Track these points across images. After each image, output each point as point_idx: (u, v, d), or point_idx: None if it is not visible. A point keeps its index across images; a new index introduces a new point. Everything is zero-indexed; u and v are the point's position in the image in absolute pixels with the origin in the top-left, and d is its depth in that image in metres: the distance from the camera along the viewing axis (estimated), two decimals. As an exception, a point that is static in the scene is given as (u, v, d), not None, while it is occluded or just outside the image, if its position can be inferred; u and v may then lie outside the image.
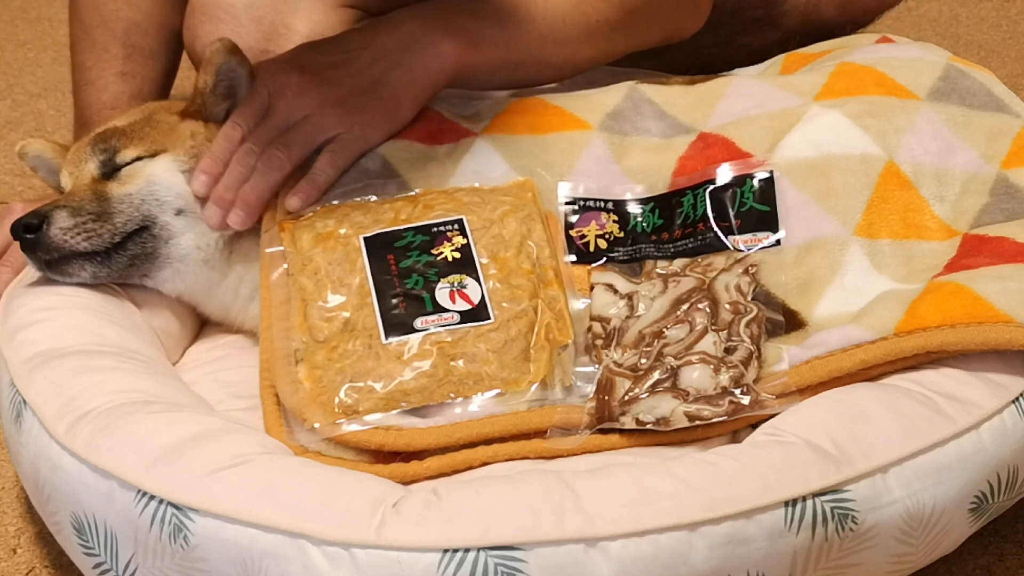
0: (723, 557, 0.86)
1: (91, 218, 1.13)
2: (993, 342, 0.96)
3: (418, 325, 1.02)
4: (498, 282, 1.04)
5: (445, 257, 1.05)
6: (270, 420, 1.01)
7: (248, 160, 1.13)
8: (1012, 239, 1.06)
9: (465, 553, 0.83)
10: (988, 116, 1.17)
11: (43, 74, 2.02)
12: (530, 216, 1.09)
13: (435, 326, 1.02)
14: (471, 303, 1.03)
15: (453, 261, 1.05)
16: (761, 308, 1.04)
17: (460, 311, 1.02)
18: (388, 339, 1.01)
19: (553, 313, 1.03)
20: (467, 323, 1.02)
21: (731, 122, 1.16)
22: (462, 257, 1.05)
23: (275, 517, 0.86)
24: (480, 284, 1.04)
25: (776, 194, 1.10)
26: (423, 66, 1.16)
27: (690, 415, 0.96)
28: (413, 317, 1.02)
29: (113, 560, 0.93)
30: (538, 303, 1.03)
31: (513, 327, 1.02)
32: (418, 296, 1.03)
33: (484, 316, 1.02)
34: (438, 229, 1.07)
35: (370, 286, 1.04)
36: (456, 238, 1.06)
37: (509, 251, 1.06)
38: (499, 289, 1.04)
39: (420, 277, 1.04)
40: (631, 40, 1.28)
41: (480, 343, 1.01)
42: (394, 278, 1.04)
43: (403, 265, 1.05)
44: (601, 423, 0.98)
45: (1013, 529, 1.06)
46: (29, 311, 1.10)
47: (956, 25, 2.02)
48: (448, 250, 1.05)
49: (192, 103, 1.21)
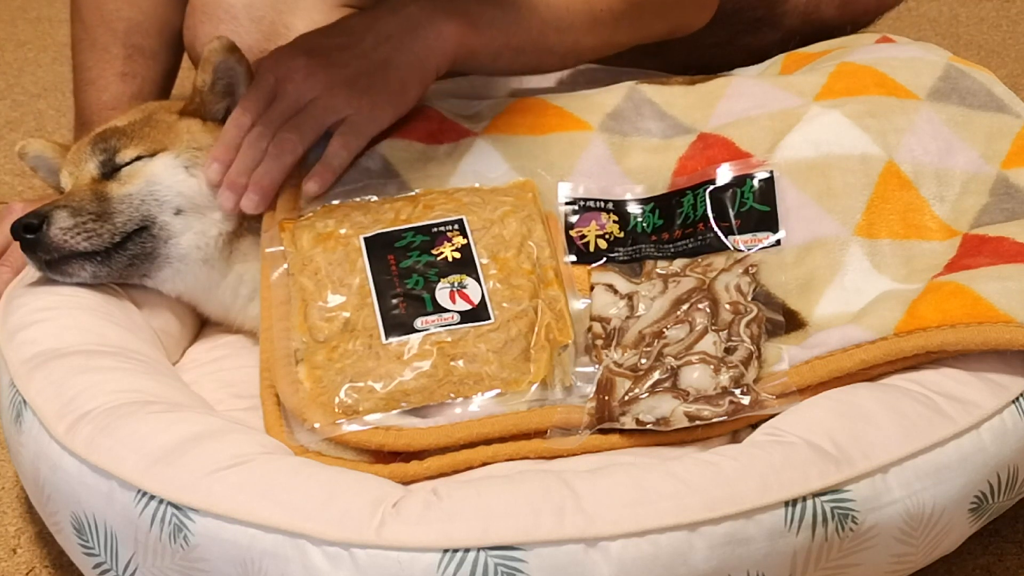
0: (723, 557, 0.86)
1: (91, 218, 1.13)
2: (993, 342, 0.96)
3: (418, 325, 1.02)
4: (498, 282, 1.04)
5: (445, 257, 1.05)
6: (270, 420, 1.01)
7: (260, 144, 1.13)
8: (1012, 239, 1.06)
9: (465, 553, 0.83)
10: (988, 116, 1.17)
11: (43, 74, 2.02)
12: (530, 216, 1.09)
13: (435, 326, 1.01)
14: (471, 303, 1.03)
15: (453, 261, 1.05)
16: (761, 308, 1.04)
17: (460, 311, 1.02)
18: (388, 339, 1.01)
19: (553, 313, 1.03)
20: (467, 323, 1.02)
21: (731, 122, 1.16)
22: (462, 257, 1.05)
23: (275, 517, 0.86)
24: (480, 284, 1.04)
25: (776, 194, 1.10)
26: (426, 47, 1.15)
27: (690, 415, 0.96)
28: (413, 317, 1.02)
29: (113, 560, 0.93)
30: (538, 303, 1.03)
31: (513, 327, 1.02)
32: (418, 296, 1.03)
33: (484, 316, 1.02)
34: (438, 229, 1.07)
35: (370, 286, 1.04)
36: (456, 238, 1.06)
37: (509, 251, 1.06)
38: (499, 289, 1.04)
39: (420, 277, 1.04)
40: (635, 31, 1.28)
41: (480, 343, 1.01)
42: (394, 278, 1.04)
43: (403, 265, 1.05)
44: (601, 423, 0.98)
45: (1013, 529, 1.06)
46: (29, 311, 1.10)
47: (956, 25, 2.02)
48: (448, 250, 1.05)
49: (191, 102, 1.21)
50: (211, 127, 1.20)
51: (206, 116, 1.21)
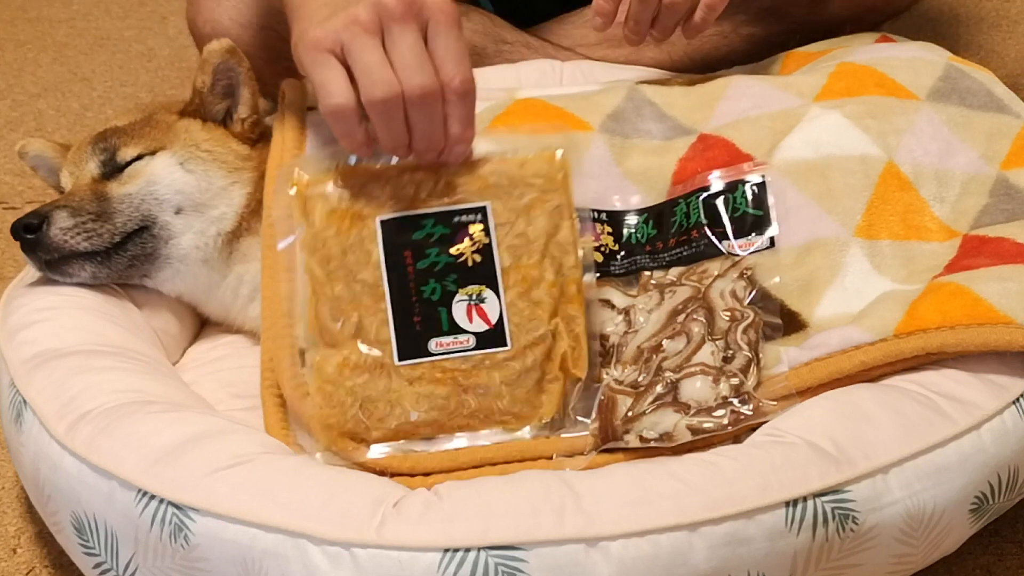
0: (723, 557, 0.86)
1: (91, 218, 1.13)
2: (993, 343, 0.96)
3: (432, 348, 0.99)
4: (518, 297, 1.01)
5: (465, 261, 1.01)
6: (271, 420, 1.01)
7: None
8: (1012, 240, 1.06)
9: (465, 553, 0.83)
10: (988, 116, 1.17)
11: (43, 74, 2.02)
12: (559, 208, 1.03)
13: (450, 351, 0.99)
14: (488, 323, 1.00)
15: (473, 266, 1.01)
16: (758, 313, 1.03)
17: (476, 333, 1.00)
18: (401, 361, 0.99)
19: (571, 338, 1.01)
20: (483, 349, 0.99)
21: (731, 123, 1.16)
22: (483, 261, 1.01)
23: (276, 517, 0.86)
24: (499, 299, 1.00)
25: (774, 196, 1.09)
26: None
27: (693, 428, 0.96)
28: (427, 338, 1.00)
29: (113, 560, 0.93)
30: (557, 324, 1.01)
31: (529, 356, 1.00)
32: (434, 310, 1.00)
33: (501, 341, 1.00)
34: (460, 219, 1.01)
35: (385, 288, 1.00)
36: (478, 235, 1.01)
37: (533, 257, 1.01)
38: (518, 307, 1.00)
39: (438, 284, 1.00)
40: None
41: (494, 373, 0.99)
42: (411, 283, 1.01)
43: (421, 266, 1.01)
44: (605, 443, 0.98)
45: (1013, 529, 1.06)
46: (29, 311, 1.10)
47: (956, 25, 2.02)
48: (469, 251, 1.01)
49: (191, 103, 1.21)
50: (210, 127, 1.20)
51: (206, 117, 1.21)
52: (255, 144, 1.21)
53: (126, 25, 2.17)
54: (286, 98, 1.18)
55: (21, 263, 1.19)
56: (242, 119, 1.21)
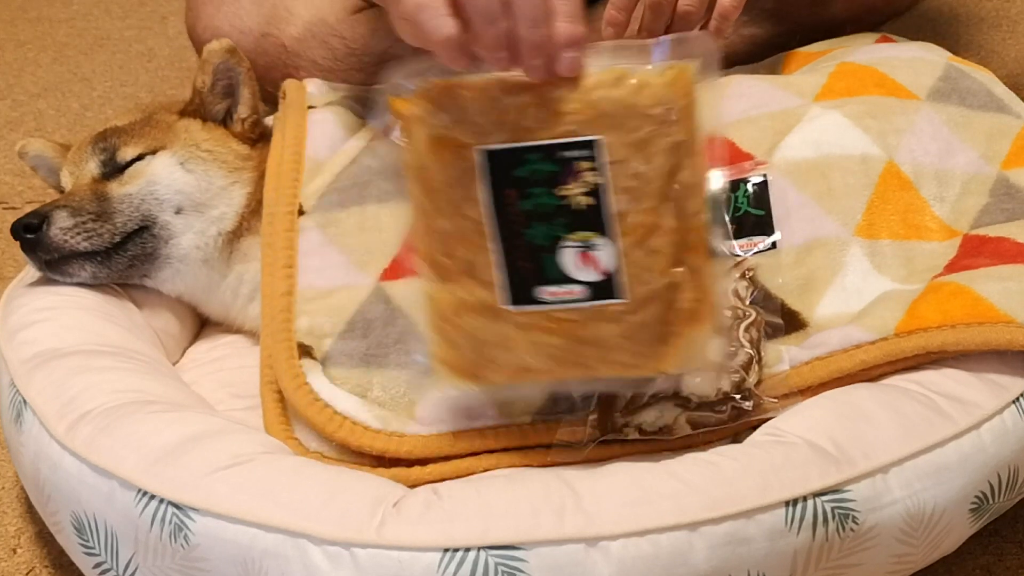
0: (723, 557, 0.86)
1: (91, 218, 1.13)
2: (993, 343, 0.96)
3: (542, 296, 0.91)
4: (633, 245, 0.90)
5: (572, 204, 0.89)
6: (270, 416, 1.01)
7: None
8: (1012, 239, 1.06)
9: (465, 553, 0.83)
10: (988, 116, 1.17)
11: (43, 74, 2.02)
12: (682, 144, 0.89)
13: (560, 299, 0.91)
14: (602, 272, 0.90)
15: (583, 210, 0.89)
16: (760, 312, 1.03)
17: (588, 283, 0.90)
18: (513, 306, 0.92)
19: (695, 290, 0.91)
20: (596, 300, 0.90)
21: (731, 123, 1.16)
22: (595, 205, 0.89)
23: (276, 517, 0.86)
24: (614, 246, 0.89)
25: (775, 196, 1.10)
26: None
27: (693, 422, 0.96)
28: (536, 285, 0.91)
29: (113, 560, 0.93)
30: (679, 275, 0.91)
31: (649, 309, 0.90)
32: (542, 256, 0.91)
33: (617, 293, 0.90)
34: (567, 154, 0.89)
35: (495, 227, 0.91)
36: (587, 174, 0.89)
37: (651, 200, 0.89)
38: (634, 257, 0.90)
39: (544, 227, 0.90)
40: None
41: (612, 326, 0.91)
42: (516, 225, 0.91)
43: (525, 207, 0.90)
44: (604, 435, 0.98)
45: (1013, 529, 1.06)
46: (29, 311, 1.10)
47: (956, 25, 2.02)
48: (578, 192, 0.89)
49: (191, 103, 1.22)
50: (210, 127, 1.21)
51: (206, 117, 1.21)
52: (255, 144, 1.22)
53: (126, 25, 2.17)
54: (287, 97, 1.18)
55: (21, 263, 1.19)
56: (242, 119, 1.21)
